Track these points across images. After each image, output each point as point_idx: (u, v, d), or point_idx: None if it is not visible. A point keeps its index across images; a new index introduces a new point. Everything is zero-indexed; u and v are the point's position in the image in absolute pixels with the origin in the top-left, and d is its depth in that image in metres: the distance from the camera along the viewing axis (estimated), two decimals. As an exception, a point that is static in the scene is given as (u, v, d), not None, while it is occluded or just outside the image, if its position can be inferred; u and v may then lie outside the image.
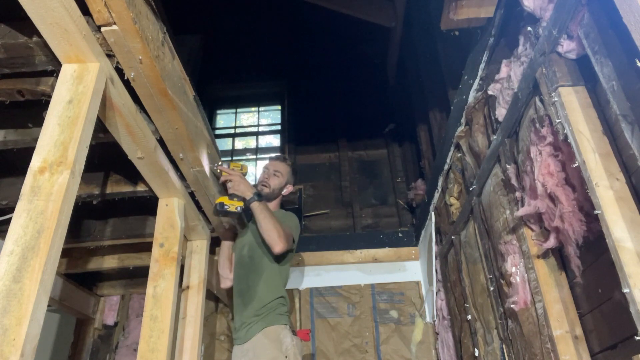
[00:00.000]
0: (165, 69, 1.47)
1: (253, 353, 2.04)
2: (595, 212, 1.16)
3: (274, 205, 2.41)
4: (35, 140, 1.25)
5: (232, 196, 2.14)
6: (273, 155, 2.81)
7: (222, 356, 3.23)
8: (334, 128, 4.29)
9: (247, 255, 2.29)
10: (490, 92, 1.84)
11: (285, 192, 2.44)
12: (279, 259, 2.22)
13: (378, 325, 3.22)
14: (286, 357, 2.00)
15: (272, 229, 2.05)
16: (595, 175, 1.17)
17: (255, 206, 2.10)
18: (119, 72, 1.43)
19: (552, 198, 1.43)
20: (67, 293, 2.95)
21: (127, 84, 1.46)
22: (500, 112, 1.76)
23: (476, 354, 2.26)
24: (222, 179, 2.17)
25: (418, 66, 3.27)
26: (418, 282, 3.35)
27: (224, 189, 2.21)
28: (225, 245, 2.54)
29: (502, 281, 1.87)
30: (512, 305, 1.72)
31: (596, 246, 1.31)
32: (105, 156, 1.88)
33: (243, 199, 2.12)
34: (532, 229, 1.64)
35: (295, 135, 4.29)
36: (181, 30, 3.70)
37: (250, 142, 4.77)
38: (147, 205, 2.22)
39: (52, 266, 1.13)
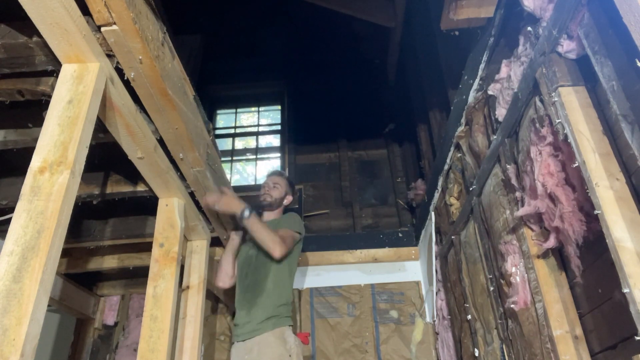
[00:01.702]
0: (165, 69, 1.47)
1: (258, 351, 2.06)
2: (595, 212, 1.16)
3: (276, 213, 2.52)
4: (35, 140, 1.26)
5: None
6: (270, 170, 3.01)
7: (222, 356, 3.23)
8: (334, 128, 4.29)
9: (255, 255, 2.33)
10: (490, 92, 1.84)
11: (286, 202, 2.56)
12: (284, 257, 2.25)
13: (378, 325, 3.22)
14: (290, 355, 2.05)
15: (267, 239, 2.13)
16: (595, 175, 1.17)
17: (246, 222, 2.15)
18: (119, 72, 1.43)
19: (552, 198, 1.43)
20: (67, 293, 2.95)
21: (127, 84, 1.46)
22: (500, 112, 1.76)
23: (476, 354, 2.26)
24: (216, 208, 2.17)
25: (418, 66, 3.27)
26: (418, 282, 3.35)
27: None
28: (232, 244, 2.55)
29: (502, 281, 1.87)
30: (512, 305, 1.72)
31: (596, 246, 1.31)
32: (105, 156, 1.88)
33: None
34: (532, 229, 1.64)
35: (295, 135, 4.29)
36: (181, 30, 3.69)
37: (250, 142, 4.77)
38: (147, 205, 2.22)
39: (52, 266, 1.13)
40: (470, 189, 2.14)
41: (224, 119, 4.80)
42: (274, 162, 4.48)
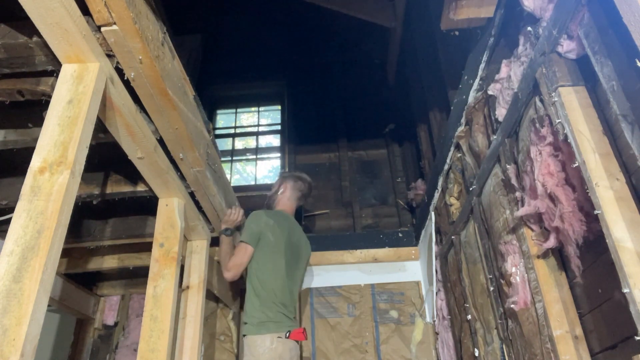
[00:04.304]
0: (165, 69, 1.47)
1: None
2: (595, 212, 1.16)
3: (279, 207, 2.71)
4: (35, 140, 1.26)
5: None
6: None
7: (222, 356, 3.23)
8: (334, 128, 4.29)
9: None
10: (490, 92, 1.84)
11: (281, 191, 2.74)
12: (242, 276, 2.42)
13: (378, 325, 3.22)
14: None
15: (222, 262, 2.42)
16: (595, 175, 1.17)
17: (220, 238, 2.49)
18: (119, 72, 1.43)
19: (552, 198, 1.43)
20: (67, 293, 2.95)
21: (127, 84, 1.46)
22: (500, 112, 1.76)
23: (476, 354, 2.26)
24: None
25: (418, 66, 3.27)
26: (418, 282, 3.34)
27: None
28: None
29: (502, 281, 1.87)
30: (512, 305, 1.72)
31: (596, 246, 1.31)
32: (105, 156, 1.88)
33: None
34: (532, 229, 1.64)
35: (295, 135, 4.28)
36: (181, 30, 3.70)
37: (250, 142, 4.77)
38: (147, 205, 2.22)
39: (52, 266, 1.13)
40: (470, 189, 2.14)
41: (224, 119, 4.80)
42: (274, 162, 4.48)
